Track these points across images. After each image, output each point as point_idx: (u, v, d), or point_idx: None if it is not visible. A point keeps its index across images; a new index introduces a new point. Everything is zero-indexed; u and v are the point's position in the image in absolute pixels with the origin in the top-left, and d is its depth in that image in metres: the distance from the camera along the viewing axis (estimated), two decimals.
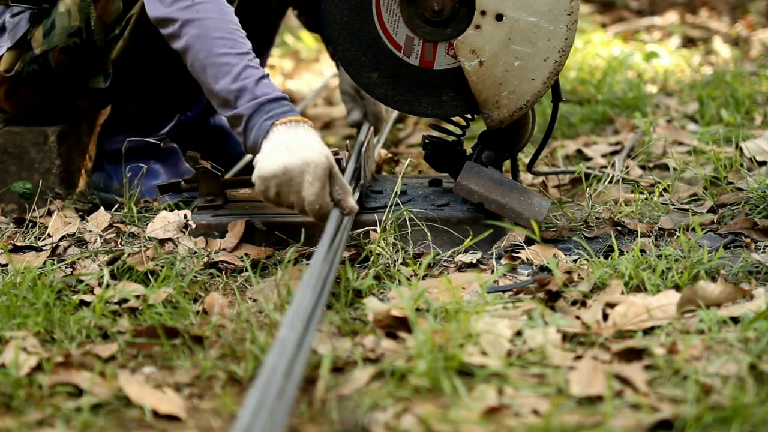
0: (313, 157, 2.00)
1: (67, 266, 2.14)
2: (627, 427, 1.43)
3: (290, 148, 2.03)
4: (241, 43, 2.16)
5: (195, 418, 1.53)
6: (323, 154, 2.02)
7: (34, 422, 1.50)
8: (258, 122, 2.10)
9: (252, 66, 2.14)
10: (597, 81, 3.91)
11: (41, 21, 2.49)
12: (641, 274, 1.92)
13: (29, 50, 2.50)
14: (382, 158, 2.87)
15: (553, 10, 2.15)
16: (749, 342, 1.65)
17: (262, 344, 1.67)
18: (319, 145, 2.04)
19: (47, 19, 2.49)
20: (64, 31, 2.47)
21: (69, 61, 2.50)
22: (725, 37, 5.24)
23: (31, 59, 2.50)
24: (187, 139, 2.81)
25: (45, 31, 2.48)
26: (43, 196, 2.56)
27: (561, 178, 2.80)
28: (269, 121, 2.08)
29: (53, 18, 2.48)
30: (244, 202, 2.41)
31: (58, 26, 2.48)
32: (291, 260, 2.14)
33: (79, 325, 1.81)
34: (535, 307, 1.80)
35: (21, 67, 2.51)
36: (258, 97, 2.11)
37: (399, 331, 1.75)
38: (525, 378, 1.58)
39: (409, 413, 1.48)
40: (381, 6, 2.23)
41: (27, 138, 2.59)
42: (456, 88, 2.25)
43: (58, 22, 2.48)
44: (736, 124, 3.21)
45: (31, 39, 2.49)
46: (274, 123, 2.07)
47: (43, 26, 2.48)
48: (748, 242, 2.18)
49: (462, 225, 2.23)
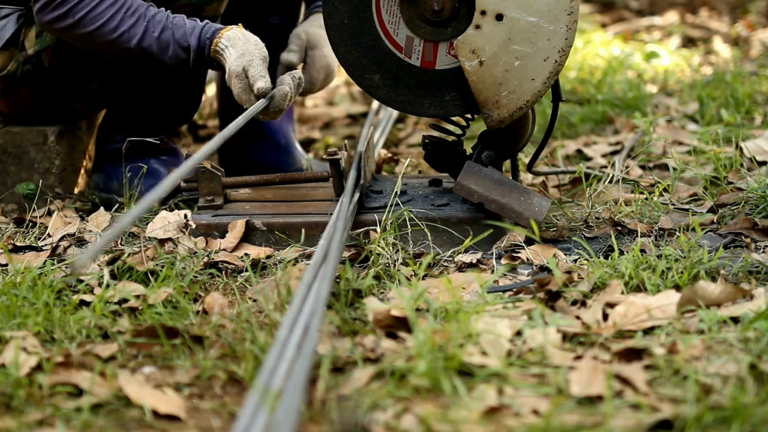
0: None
1: (67, 266, 2.14)
2: (627, 427, 1.43)
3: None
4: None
5: (195, 418, 1.53)
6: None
7: (34, 422, 1.50)
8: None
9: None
10: (597, 81, 3.91)
11: (33, 21, 2.49)
12: (641, 274, 1.92)
13: (23, 50, 2.49)
14: (382, 158, 2.87)
15: (553, 10, 2.15)
16: (749, 342, 1.65)
17: (262, 344, 1.67)
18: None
19: None
20: None
21: (62, 61, 2.50)
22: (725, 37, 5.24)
23: (24, 59, 2.50)
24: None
25: (38, 31, 2.48)
26: (43, 196, 2.56)
27: (561, 178, 2.80)
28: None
29: None
30: (244, 202, 2.41)
31: None
32: (291, 260, 2.14)
33: (79, 325, 1.81)
34: (535, 307, 1.80)
35: (15, 67, 2.51)
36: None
37: (399, 331, 1.75)
38: (525, 378, 1.58)
39: (409, 413, 1.48)
40: (381, 7, 2.23)
41: (27, 138, 2.59)
42: (457, 88, 2.25)
43: None
44: (736, 124, 3.21)
45: (25, 39, 2.49)
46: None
47: (35, 26, 2.48)
48: (748, 242, 2.18)
49: (462, 225, 2.23)
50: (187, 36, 2.33)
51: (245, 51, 2.29)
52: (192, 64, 2.35)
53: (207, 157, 1.87)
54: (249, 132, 2.86)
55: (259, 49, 2.30)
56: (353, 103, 3.97)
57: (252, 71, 2.27)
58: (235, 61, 2.28)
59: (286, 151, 2.89)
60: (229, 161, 2.87)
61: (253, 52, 2.29)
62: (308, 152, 3.26)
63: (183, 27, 2.34)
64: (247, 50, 2.29)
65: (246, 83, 2.28)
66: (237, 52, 2.29)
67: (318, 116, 3.87)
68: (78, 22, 2.33)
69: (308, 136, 3.57)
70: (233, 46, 2.30)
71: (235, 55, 2.29)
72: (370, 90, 2.29)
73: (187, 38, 2.33)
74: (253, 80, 2.27)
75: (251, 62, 2.27)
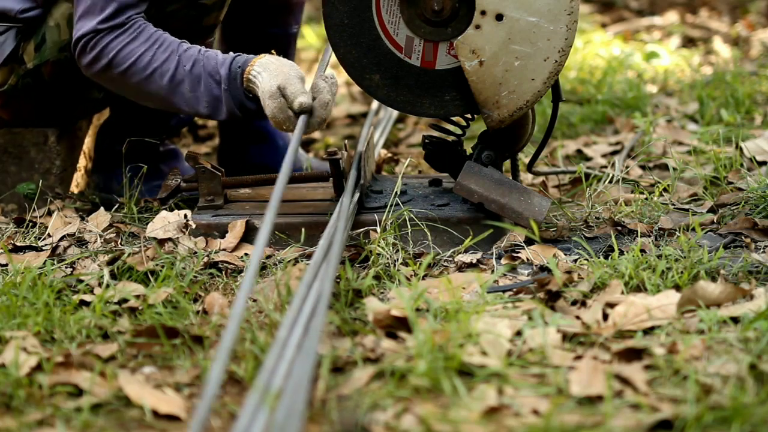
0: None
1: (67, 266, 2.14)
2: (627, 427, 1.43)
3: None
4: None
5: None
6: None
7: (34, 422, 1.50)
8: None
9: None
10: (597, 81, 3.91)
11: (32, 36, 2.48)
12: (641, 274, 1.92)
13: (22, 64, 2.49)
14: (382, 158, 2.87)
15: (553, 10, 2.15)
16: (749, 342, 1.65)
17: (262, 344, 1.67)
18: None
19: (38, 32, 2.48)
20: (54, 45, 2.47)
21: (62, 74, 2.49)
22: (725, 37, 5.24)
23: (24, 73, 2.49)
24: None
25: (36, 45, 2.47)
26: (43, 196, 2.56)
27: (561, 178, 2.80)
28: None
29: (43, 32, 2.47)
30: (244, 202, 2.41)
31: (49, 40, 2.47)
32: (291, 260, 2.14)
33: (79, 325, 1.81)
34: (535, 307, 1.80)
35: (15, 80, 2.50)
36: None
37: (399, 331, 1.75)
38: (525, 378, 1.58)
39: (409, 413, 1.48)
40: (381, 7, 2.23)
41: (27, 138, 2.59)
42: (457, 88, 2.25)
43: (48, 36, 2.47)
44: (736, 124, 3.21)
45: (24, 53, 2.49)
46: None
47: (34, 40, 2.48)
48: (748, 242, 2.18)
49: (462, 225, 2.23)
50: (218, 66, 2.24)
51: (279, 72, 2.18)
52: (224, 99, 2.25)
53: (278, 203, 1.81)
54: (249, 134, 2.86)
55: (296, 69, 2.20)
56: (353, 103, 3.97)
57: (291, 89, 2.15)
58: (269, 82, 2.18)
59: (285, 151, 2.89)
60: (229, 163, 2.87)
61: (289, 72, 2.18)
62: (308, 152, 3.26)
63: (214, 59, 2.26)
64: (282, 71, 2.18)
65: (281, 102, 2.16)
66: (270, 74, 2.18)
67: None
68: (111, 62, 2.29)
69: (308, 136, 3.57)
70: (266, 71, 2.20)
71: (269, 78, 2.18)
72: (370, 90, 2.29)
73: (218, 69, 2.24)
74: (293, 97, 2.15)
75: (288, 80, 2.16)
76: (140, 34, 2.29)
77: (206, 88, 2.26)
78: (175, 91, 2.28)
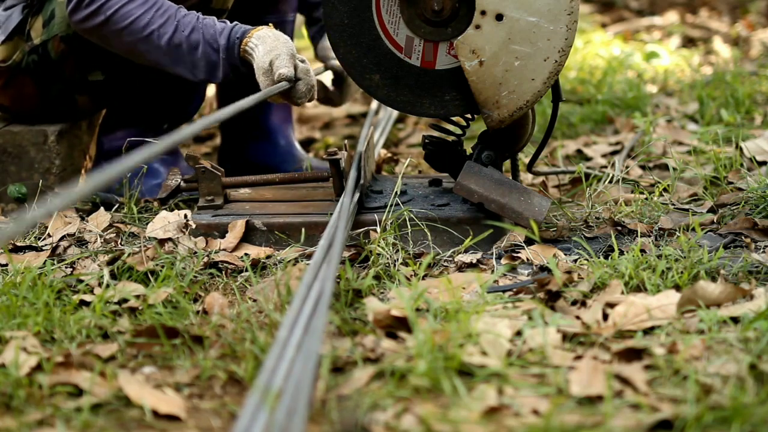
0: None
1: (67, 266, 2.14)
2: (627, 427, 1.43)
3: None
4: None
5: (195, 418, 1.53)
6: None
7: (34, 422, 1.50)
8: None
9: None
10: (597, 81, 3.91)
11: (40, 11, 2.49)
12: (641, 274, 1.92)
13: (29, 40, 2.49)
14: (382, 158, 2.87)
15: (553, 10, 2.15)
16: (749, 342, 1.65)
17: (262, 344, 1.67)
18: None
19: (46, 8, 2.49)
20: (64, 20, 2.47)
21: (70, 50, 2.50)
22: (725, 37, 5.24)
23: (30, 49, 2.50)
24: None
25: (44, 20, 2.48)
26: (43, 196, 2.56)
27: (561, 178, 2.80)
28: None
29: (53, 7, 2.48)
30: (244, 202, 2.41)
31: (58, 15, 2.48)
32: (291, 260, 2.14)
33: (79, 325, 1.81)
34: (535, 307, 1.80)
35: (20, 57, 2.51)
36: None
37: (399, 331, 1.75)
38: (525, 378, 1.58)
39: (409, 413, 1.48)
40: (381, 7, 2.23)
41: (27, 138, 2.59)
42: (457, 88, 2.25)
43: (57, 11, 2.48)
44: (736, 124, 3.21)
45: (31, 29, 2.49)
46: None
47: (42, 16, 2.48)
48: (748, 242, 2.18)
49: (462, 225, 2.23)
50: (217, 35, 2.32)
51: (273, 47, 2.27)
52: (222, 65, 2.33)
53: (210, 124, 1.84)
54: (249, 132, 2.86)
55: (288, 46, 2.29)
56: (353, 103, 3.97)
57: (277, 62, 2.25)
58: (263, 57, 2.27)
59: (286, 151, 2.90)
60: (229, 161, 2.87)
61: (281, 48, 2.27)
62: (308, 152, 3.26)
63: (213, 27, 2.34)
64: (276, 47, 2.27)
65: (272, 78, 2.27)
66: (265, 48, 2.28)
67: (318, 116, 3.87)
68: (108, 20, 2.34)
69: (308, 136, 3.57)
70: (263, 44, 2.29)
71: (263, 52, 2.28)
72: (370, 90, 2.29)
73: (217, 38, 2.32)
74: (276, 69, 2.25)
75: (277, 56, 2.26)
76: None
77: (204, 54, 2.33)
78: (172, 53, 2.35)
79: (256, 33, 2.31)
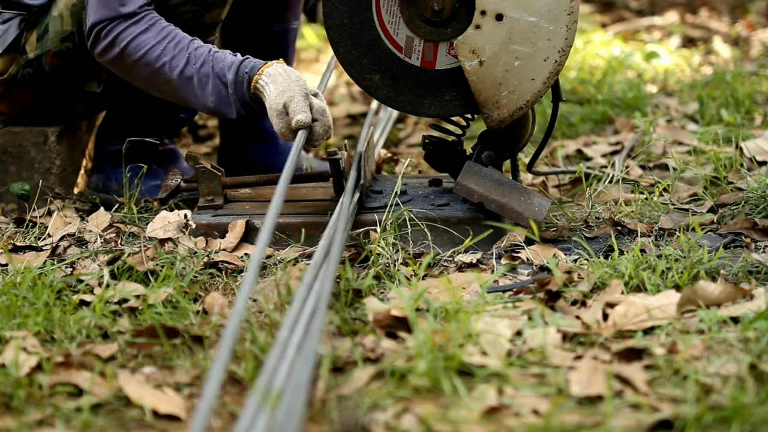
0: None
1: (67, 266, 2.14)
2: (627, 427, 1.43)
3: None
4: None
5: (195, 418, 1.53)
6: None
7: (34, 422, 1.50)
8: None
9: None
10: (597, 81, 3.91)
11: (35, 25, 2.49)
12: (641, 274, 1.92)
13: (24, 54, 2.50)
14: (382, 158, 2.87)
15: (553, 10, 2.15)
16: (749, 342, 1.65)
17: (262, 344, 1.67)
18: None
19: (41, 23, 2.49)
20: (57, 35, 2.48)
21: (63, 65, 2.50)
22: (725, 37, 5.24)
23: (25, 63, 2.50)
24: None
25: (39, 35, 2.48)
26: (43, 196, 2.56)
27: (561, 178, 2.80)
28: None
29: (47, 22, 2.48)
30: (244, 202, 2.41)
31: (51, 30, 2.48)
32: (291, 260, 2.14)
33: (79, 325, 1.81)
34: (535, 307, 1.80)
35: (15, 70, 2.51)
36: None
37: (399, 331, 1.75)
38: (525, 378, 1.58)
39: (409, 413, 1.48)
40: (381, 7, 2.23)
41: (27, 138, 2.59)
42: (457, 88, 2.25)
43: (51, 26, 2.48)
44: (736, 124, 3.21)
45: (26, 43, 2.50)
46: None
47: (36, 30, 2.49)
48: (748, 242, 2.18)
49: (462, 225, 2.23)
50: (226, 70, 2.26)
51: (286, 87, 2.20)
52: (232, 101, 2.27)
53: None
54: (249, 134, 2.86)
55: (301, 85, 2.21)
56: (353, 103, 3.97)
57: (292, 107, 2.17)
58: (276, 98, 2.19)
59: (285, 151, 2.90)
60: (229, 162, 2.87)
61: (294, 89, 2.19)
62: (308, 152, 3.26)
63: (223, 61, 2.28)
64: (288, 86, 2.20)
65: (287, 120, 2.19)
66: (278, 88, 2.20)
67: None
68: (123, 51, 2.32)
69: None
70: (274, 83, 2.21)
71: (276, 92, 2.20)
72: (370, 90, 2.29)
73: (225, 72, 2.26)
74: (292, 115, 2.17)
75: (292, 98, 2.18)
76: (152, 27, 2.32)
77: (214, 88, 2.28)
78: (185, 86, 2.31)
79: (266, 70, 2.23)
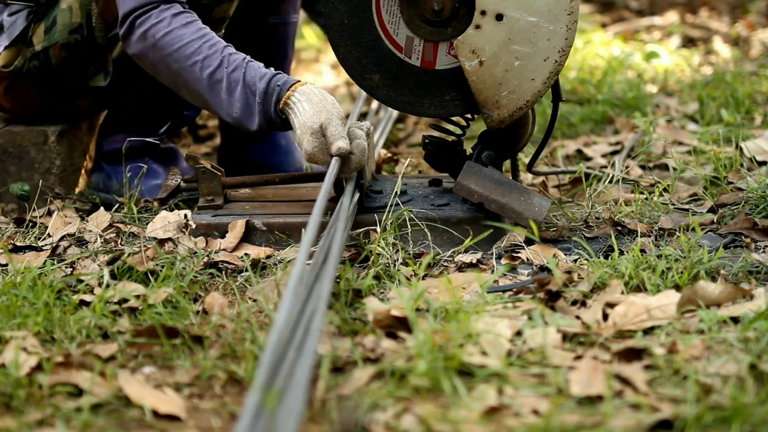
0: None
1: (67, 266, 2.14)
2: (627, 427, 1.43)
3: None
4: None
5: (195, 418, 1.53)
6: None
7: (34, 422, 1.50)
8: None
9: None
10: (597, 81, 3.91)
11: (43, 17, 2.50)
12: (641, 274, 1.92)
13: (30, 46, 2.50)
14: (382, 158, 2.87)
15: (553, 10, 2.15)
16: (749, 342, 1.65)
17: (262, 344, 1.67)
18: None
19: (49, 15, 2.49)
20: (65, 27, 2.48)
21: (70, 57, 2.50)
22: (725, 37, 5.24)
23: (32, 55, 2.51)
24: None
25: (46, 27, 2.49)
26: (43, 196, 2.56)
27: (561, 178, 2.80)
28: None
29: (55, 14, 2.49)
30: (244, 202, 2.41)
31: (60, 23, 2.48)
32: (291, 260, 2.14)
33: (79, 325, 1.81)
34: (535, 307, 1.80)
35: (21, 63, 2.52)
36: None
37: (399, 331, 1.75)
38: (525, 378, 1.58)
39: (409, 413, 1.48)
40: (381, 7, 2.23)
41: (27, 138, 2.59)
42: (457, 88, 2.25)
43: (59, 18, 2.48)
44: (736, 124, 3.21)
45: (33, 35, 2.50)
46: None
47: (44, 22, 2.49)
48: (748, 242, 2.18)
49: (462, 225, 2.23)
50: (257, 79, 2.21)
51: (323, 108, 2.15)
52: (257, 112, 2.22)
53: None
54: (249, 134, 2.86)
55: (337, 108, 2.16)
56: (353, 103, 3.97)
57: (331, 130, 2.12)
58: (312, 117, 2.14)
59: (286, 151, 2.90)
60: (230, 162, 2.87)
61: (332, 111, 2.15)
62: None
63: (256, 70, 2.23)
64: (325, 108, 2.15)
65: (322, 141, 2.14)
66: (313, 108, 2.15)
67: None
68: (157, 43, 2.28)
69: None
70: (308, 101, 2.16)
71: (312, 111, 2.15)
72: (370, 90, 2.29)
73: (257, 81, 2.21)
74: (332, 139, 2.12)
75: (330, 121, 2.13)
76: (191, 23, 2.28)
77: (242, 95, 2.23)
78: (212, 88, 2.26)
79: (300, 87, 2.19)
